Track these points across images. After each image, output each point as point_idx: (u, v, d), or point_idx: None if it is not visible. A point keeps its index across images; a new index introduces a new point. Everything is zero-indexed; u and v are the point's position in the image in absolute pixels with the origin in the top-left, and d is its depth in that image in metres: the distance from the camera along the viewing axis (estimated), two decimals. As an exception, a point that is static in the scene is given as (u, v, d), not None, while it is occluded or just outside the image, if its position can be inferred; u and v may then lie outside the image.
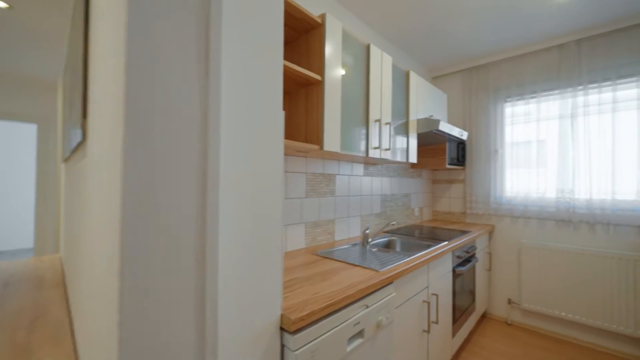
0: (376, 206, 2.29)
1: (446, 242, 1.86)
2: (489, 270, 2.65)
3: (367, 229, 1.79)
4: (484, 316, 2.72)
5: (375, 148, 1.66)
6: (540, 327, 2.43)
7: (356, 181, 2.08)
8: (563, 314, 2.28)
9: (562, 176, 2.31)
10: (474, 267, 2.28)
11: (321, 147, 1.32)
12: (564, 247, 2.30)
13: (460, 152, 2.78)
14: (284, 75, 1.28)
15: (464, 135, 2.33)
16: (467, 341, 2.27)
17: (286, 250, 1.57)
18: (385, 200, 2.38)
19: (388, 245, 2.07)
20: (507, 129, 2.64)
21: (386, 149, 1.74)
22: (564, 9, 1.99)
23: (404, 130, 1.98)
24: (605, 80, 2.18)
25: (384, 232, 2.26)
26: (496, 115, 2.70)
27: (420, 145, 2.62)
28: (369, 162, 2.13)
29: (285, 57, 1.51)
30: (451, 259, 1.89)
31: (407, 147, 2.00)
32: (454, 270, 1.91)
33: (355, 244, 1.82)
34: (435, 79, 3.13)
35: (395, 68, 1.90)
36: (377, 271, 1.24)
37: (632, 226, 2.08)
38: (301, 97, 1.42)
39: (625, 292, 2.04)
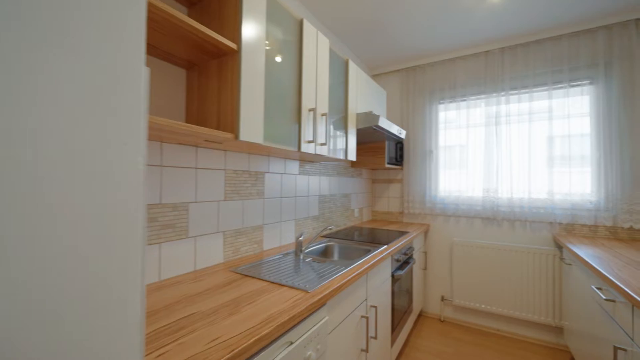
0: (313, 208, 2.07)
1: (385, 247, 1.73)
2: (425, 269, 2.67)
3: (301, 235, 1.55)
4: (420, 315, 2.73)
5: (309, 142, 1.43)
6: (469, 322, 2.52)
7: (290, 180, 1.83)
8: (489, 307, 2.38)
9: (487, 177, 2.42)
10: (411, 269, 2.24)
11: (236, 137, 1.03)
12: (490, 243, 2.41)
13: (399, 152, 2.75)
14: (185, 38, 0.95)
15: (402, 133, 2.27)
16: (405, 345, 2.21)
17: (195, 269, 1.23)
18: (323, 202, 2.19)
19: (325, 253, 1.87)
20: (441, 131, 2.69)
21: (322, 144, 1.52)
22: (491, 16, 2.05)
23: (342, 124, 1.80)
24: (524, 87, 2.33)
25: (322, 236, 2.06)
26: (431, 117, 2.74)
27: (359, 144, 2.50)
28: (305, 159, 1.90)
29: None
30: (390, 264, 1.77)
31: (346, 143, 1.83)
32: (393, 276, 1.79)
33: (287, 253, 1.56)
34: (375, 77, 3.07)
35: (333, 54, 1.70)
36: (307, 292, 1.00)
37: (544, 222, 2.26)
38: (213, 72, 1.11)
39: (543, 285, 2.20)
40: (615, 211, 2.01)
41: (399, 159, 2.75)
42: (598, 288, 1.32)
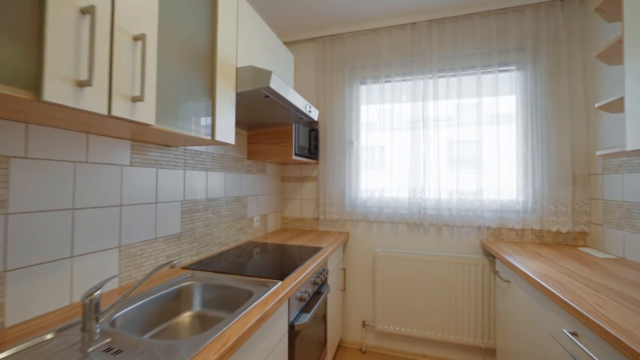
0: (171, 222, 1.27)
1: (279, 284, 1.07)
2: (343, 290, 2.14)
3: (95, 292, 0.75)
4: (339, 346, 2.19)
5: (83, 84, 0.64)
6: (394, 349, 2.08)
7: (106, 176, 0.99)
8: (415, 331, 1.98)
9: (414, 175, 2.02)
10: (325, 299, 1.64)
11: None
12: (415, 253, 2.01)
13: (313, 142, 2.14)
14: None
15: (313, 112, 1.66)
16: (316, 405, 1.60)
17: None
18: (192, 210, 1.40)
19: (167, 309, 1.09)
20: (363, 119, 2.20)
21: (136, 98, 0.74)
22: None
23: (204, 80, 1.05)
24: (452, 70, 2.00)
25: (185, 268, 1.27)
26: (352, 99, 2.22)
27: (255, 125, 1.79)
28: (140, 138, 1.09)
29: None
30: (287, 310, 1.11)
31: (214, 114, 1.08)
32: (292, 327, 1.14)
33: (63, 329, 0.74)
34: (289, 45, 2.40)
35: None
36: None
37: (473, 227, 1.96)
38: None
39: (472, 300, 1.88)
40: (541, 212, 1.80)
41: (313, 150, 2.14)
42: (572, 333, 0.92)
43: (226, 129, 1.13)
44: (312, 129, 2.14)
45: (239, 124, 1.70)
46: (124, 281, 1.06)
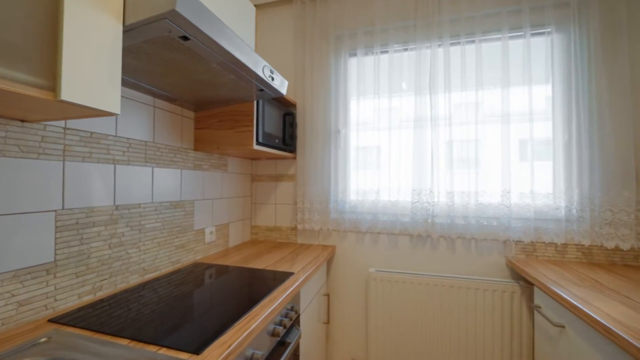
0: (30, 246, 0.77)
1: (182, 371, 0.58)
2: (327, 323, 1.65)
3: None
4: (320, 392, 1.70)
5: None
6: (392, 399, 1.60)
7: None
8: (421, 378, 1.50)
9: (420, 172, 1.54)
10: (295, 349, 1.14)
11: None
12: (419, 275, 1.54)
13: (289, 129, 1.66)
14: None
15: (277, 82, 1.16)
16: None
17: None
18: (83, 224, 0.90)
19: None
20: (353, 102, 1.72)
21: None
22: None
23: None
24: (468, 35, 1.53)
25: (55, 320, 0.78)
26: (338, 76, 1.74)
27: (206, 106, 1.28)
28: None
29: None
30: (206, 410, 0.62)
31: (57, 47, 0.59)
32: None
33: None
34: (260, 9, 1.91)
35: None
36: None
37: (498, 241, 1.49)
38: None
39: (496, 341, 1.40)
40: (591, 221, 1.33)
41: (288, 140, 1.65)
42: None
43: (99, 85, 0.64)
44: (288, 112, 1.65)
45: (175, 99, 1.20)
46: None
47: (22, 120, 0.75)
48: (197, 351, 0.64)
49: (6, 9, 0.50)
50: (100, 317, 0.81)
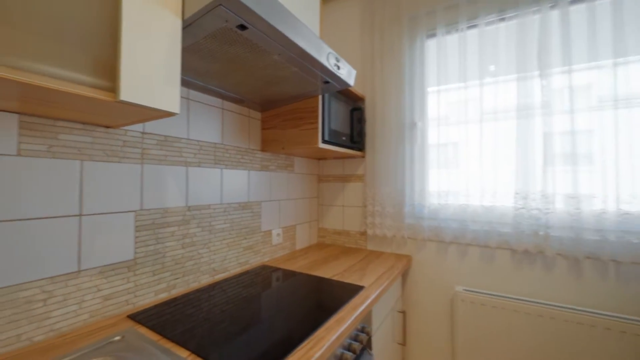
0: (114, 244, 0.82)
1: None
2: (403, 344, 1.44)
3: None
4: (395, 421, 1.50)
5: None
6: None
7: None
8: None
9: (524, 171, 1.21)
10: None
11: None
12: (527, 303, 1.20)
13: (357, 126, 1.52)
14: None
15: (344, 71, 1.03)
16: None
17: None
18: (159, 225, 0.94)
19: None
20: (432, 91, 1.47)
21: None
22: None
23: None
24: (598, -17, 1.13)
25: (133, 316, 0.81)
26: (413, 63, 1.52)
27: (272, 105, 1.23)
28: (30, 110, 0.65)
29: None
30: None
31: (118, 49, 0.58)
32: None
33: None
34: (327, 4, 1.83)
35: None
36: None
37: (655, 266, 1.05)
38: None
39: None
40: None
41: (357, 138, 1.51)
42: None
43: (157, 85, 0.62)
44: (356, 107, 1.51)
45: (242, 100, 1.19)
46: (8, 346, 0.64)
47: (107, 127, 0.81)
48: (251, 381, 0.55)
49: (67, 13, 0.50)
50: (174, 315, 0.82)
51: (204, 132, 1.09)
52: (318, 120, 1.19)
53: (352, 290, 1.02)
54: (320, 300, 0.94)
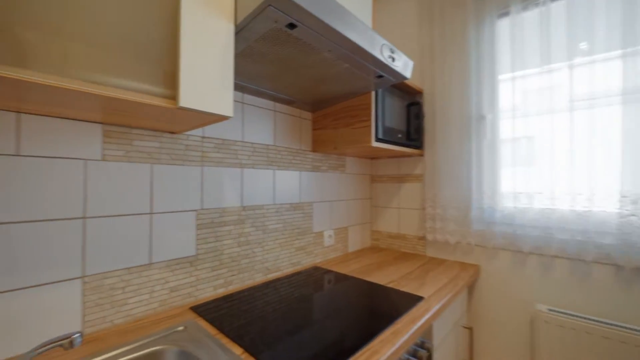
0: (179, 241, 0.89)
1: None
2: (469, 364, 1.28)
3: None
4: None
5: None
6: None
7: (57, 175, 0.68)
8: None
9: (633, 165, 0.97)
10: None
11: None
12: (637, 333, 0.95)
13: (414, 121, 1.41)
14: None
15: (399, 62, 0.94)
16: None
17: None
18: (217, 223, 0.99)
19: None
20: (504, 78, 1.28)
21: None
22: None
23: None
24: None
25: (195, 308, 0.87)
26: (481, 47, 1.34)
27: (322, 105, 1.21)
28: (112, 120, 0.73)
29: None
30: None
31: (176, 59, 0.61)
32: None
33: None
34: (376, -2, 1.75)
35: None
36: None
37: None
38: None
39: None
40: None
41: (414, 135, 1.40)
42: None
43: (213, 90, 0.64)
44: (413, 102, 1.40)
45: (293, 102, 1.20)
46: (95, 326, 0.73)
47: (172, 132, 0.88)
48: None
49: (134, 31, 0.54)
50: (230, 310, 0.86)
51: (257, 134, 1.12)
52: (371, 117, 1.13)
53: (410, 300, 0.93)
54: (375, 308, 0.88)
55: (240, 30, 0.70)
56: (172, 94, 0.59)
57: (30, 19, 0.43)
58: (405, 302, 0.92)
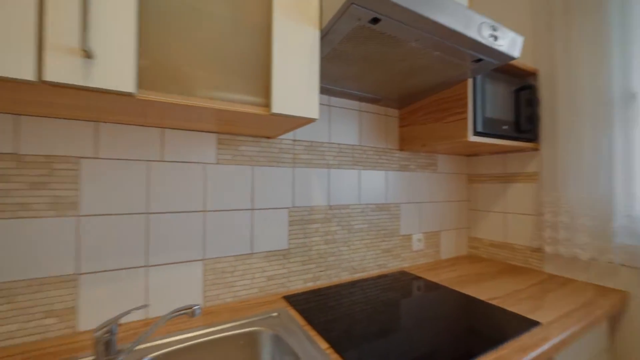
0: (274, 235, 0.99)
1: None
2: (612, 419, 0.98)
3: (112, 324, 0.56)
4: None
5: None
6: None
7: (186, 176, 0.85)
8: None
9: None
10: None
11: None
12: None
13: (526, 110, 1.18)
14: None
15: (503, 40, 0.79)
16: None
17: None
18: (306, 221, 1.05)
19: None
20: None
21: (84, 53, 0.47)
22: None
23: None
24: None
25: (288, 297, 0.94)
26: (628, 7, 1.02)
27: (410, 100, 1.14)
28: (226, 129, 0.87)
29: None
30: None
31: (269, 71, 0.66)
32: None
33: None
34: (474, -26, 1.55)
35: None
36: None
37: None
38: None
39: None
40: None
41: (525, 125, 1.18)
42: None
43: (300, 95, 0.68)
44: (522, 87, 1.18)
45: (379, 100, 1.17)
46: (211, 301, 0.88)
47: (268, 137, 0.98)
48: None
49: (234, 46, 0.62)
50: (318, 304, 0.90)
51: (343, 135, 1.14)
52: (467, 108, 1.00)
53: (521, 323, 0.78)
54: (472, 325, 0.77)
55: (325, 35, 0.72)
56: (266, 102, 0.65)
57: (184, 58, 0.56)
58: (513, 324, 0.78)
